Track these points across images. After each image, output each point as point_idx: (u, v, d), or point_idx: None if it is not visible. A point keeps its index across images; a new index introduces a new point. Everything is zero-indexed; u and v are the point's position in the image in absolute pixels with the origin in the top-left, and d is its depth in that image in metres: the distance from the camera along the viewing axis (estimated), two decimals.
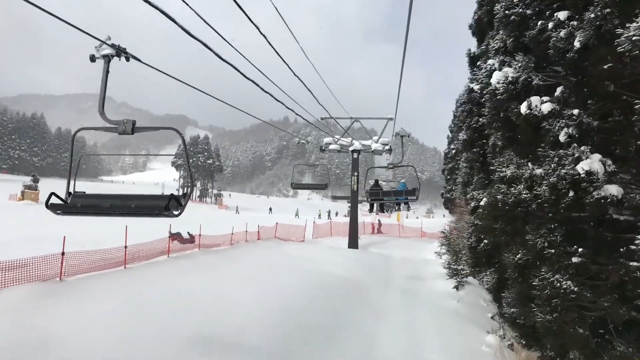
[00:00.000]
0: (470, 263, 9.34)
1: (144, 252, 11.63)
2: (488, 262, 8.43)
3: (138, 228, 11.55)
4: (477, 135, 9.02)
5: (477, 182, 9.57)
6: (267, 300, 10.69)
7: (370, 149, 23.16)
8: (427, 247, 24.43)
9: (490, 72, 6.47)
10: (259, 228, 20.19)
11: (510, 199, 5.60)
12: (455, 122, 45.33)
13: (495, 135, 7.30)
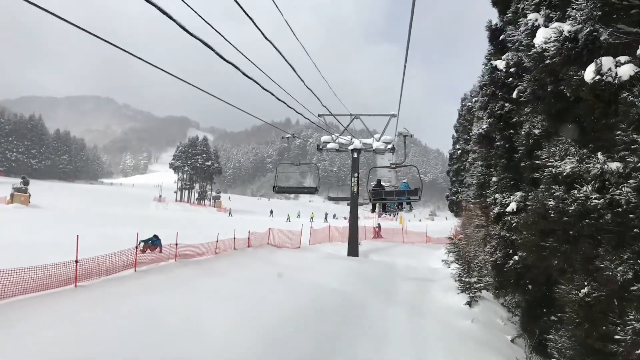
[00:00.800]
0: (494, 283, 7.58)
1: (105, 266, 9.90)
2: (517, 282, 6.65)
3: (115, 234, 9.88)
4: (503, 124, 7.24)
5: (499, 182, 7.78)
6: (248, 324, 8.94)
7: (371, 147, 21.39)
8: (434, 254, 22.62)
9: (532, 30, 4.69)
10: (249, 234, 18.44)
11: (569, 206, 3.83)
12: (461, 122, 43.46)
13: (534, 119, 5.53)
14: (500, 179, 7.81)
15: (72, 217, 35.05)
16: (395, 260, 20.03)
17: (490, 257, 7.09)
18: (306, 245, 22.18)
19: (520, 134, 6.41)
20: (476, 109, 34.88)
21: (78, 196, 68.96)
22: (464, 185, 39.57)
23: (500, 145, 7.69)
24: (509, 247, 6.58)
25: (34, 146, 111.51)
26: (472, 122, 39.25)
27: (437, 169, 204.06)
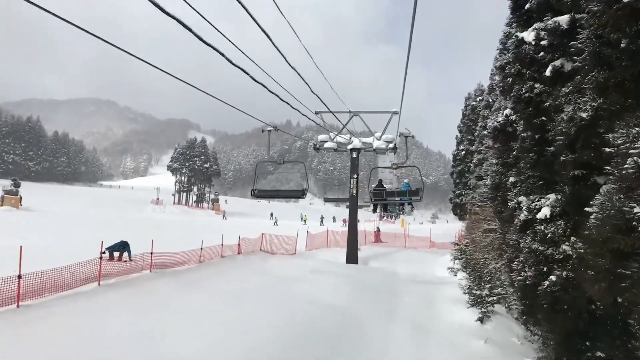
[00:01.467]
0: (520, 307, 6.19)
1: (62, 280, 8.54)
2: (553, 308, 5.25)
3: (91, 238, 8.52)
4: (533, 109, 5.85)
5: (525, 182, 6.39)
6: (228, 346, 7.59)
7: (371, 147, 20.02)
8: (438, 260, 21.19)
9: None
10: (239, 240, 17.05)
11: None
12: (465, 122, 42.07)
13: (579, 99, 4.14)
14: (525, 179, 6.40)
15: (63, 220, 33.73)
16: (396, 268, 18.63)
17: (518, 275, 5.68)
18: (302, 252, 20.80)
19: (557, 121, 5.01)
20: (481, 108, 33.43)
21: (74, 199, 67.72)
22: (469, 187, 38.18)
23: (527, 136, 6.30)
24: (542, 263, 5.19)
25: (31, 148, 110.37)
26: (477, 122, 37.86)
27: (439, 171, 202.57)
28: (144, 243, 12.38)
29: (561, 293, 5.05)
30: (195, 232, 29.02)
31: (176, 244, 14.69)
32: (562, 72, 5.25)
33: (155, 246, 13.14)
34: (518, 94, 6.02)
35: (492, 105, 33.97)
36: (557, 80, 5.22)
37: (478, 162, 32.66)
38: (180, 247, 14.39)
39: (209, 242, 16.22)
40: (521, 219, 5.96)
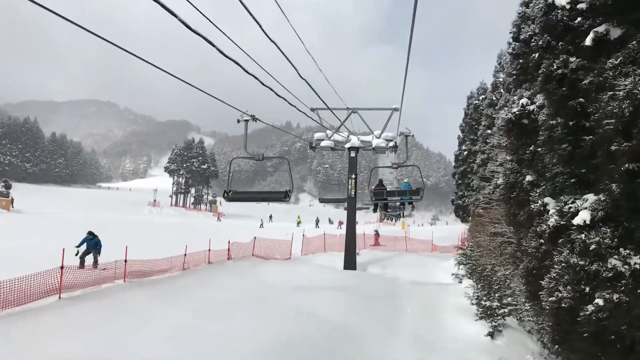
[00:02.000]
0: (552, 334, 5.09)
1: (14, 293, 7.43)
2: (596, 339, 4.13)
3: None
4: (568, 89, 4.74)
5: (550, 181, 5.28)
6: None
7: (370, 146, 18.92)
8: (441, 265, 20.08)
9: None
10: (229, 245, 15.94)
11: None
12: (467, 121, 40.96)
13: None
14: (553, 176, 5.30)
15: (54, 223, 32.63)
16: (398, 274, 17.53)
17: (549, 295, 4.57)
18: (298, 256, 19.68)
19: (602, 101, 3.90)
20: (485, 107, 32.34)
21: (70, 201, 66.67)
22: (472, 188, 37.07)
23: (557, 124, 5.18)
24: (584, 282, 4.09)
25: (28, 150, 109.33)
26: (480, 121, 36.74)
27: (439, 172, 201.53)
28: (134, 245, 11.28)
29: (610, 321, 3.95)
30: (188, 235, 27.95)
31: (165, 247, 13.65)
32: (606, 40, 4.13)
33: (143, 249, 12.10)
34: (548, 70, 4.91)
35: (496, 103, 32.90)
36: (600, 51, 4.11)
37: (482, 162, 31.57)
38: (169, 251, 13.34)
39: (199, 246, 15.18)
40: (550, 224, 4.85)
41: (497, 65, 33.48)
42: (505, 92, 25.26)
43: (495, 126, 29.40)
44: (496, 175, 23.70)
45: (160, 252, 13.10)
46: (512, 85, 31.53)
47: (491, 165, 25.40)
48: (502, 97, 25.85)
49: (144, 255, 12.15)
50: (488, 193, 24.75)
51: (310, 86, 9.49)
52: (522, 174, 8.21)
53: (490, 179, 24.44)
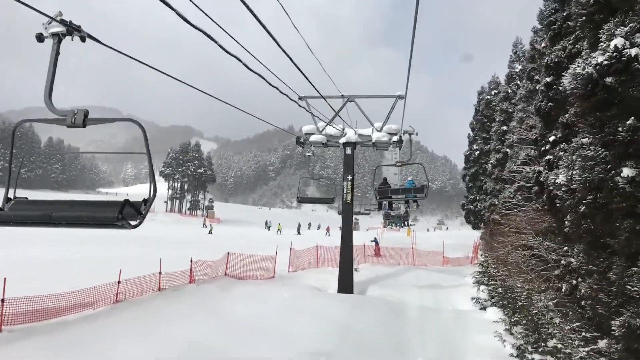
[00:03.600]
0: None
1: None
2: None
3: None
4: None
5: None
6: None
7: (370, 140, 15.65)
8: (457, 284, 16.72)
9: None
10: (191, 264, 12.64)
11: None
12: (478, 118, 37.55)
13: None
14: None
15: (26, 232, 29.54)
16: (404, 298, 14.19)
17: None
18: (284, 274, 16.40)
19: None
20: (499, 100, 28.93)
21: None
22: (484, 191, 33.65)
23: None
24: None
25: (23, 154, 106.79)
26: (492, 117, 33.37)
27: (444, 176, 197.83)
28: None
29: None
30: (165, 247, 24.73)
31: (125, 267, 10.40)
32: None
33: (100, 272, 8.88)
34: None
35: (512, 96, 29.60)
36: None
37: (497, 162, 28.18)
38: (129, 271, 10.20)
39: (171, 261, 12.09)
40: None
41: (513, 54, 30.17)
42: (526, 81, 21.89)
43: (513, 121, 26.13)
44: (517, 176, 20.35)
45: (108, 275, 9.98)
46: (518, 84, 28.08)
47: (511, 165, 22.05)
48: (522, 88, 22.48)
49: (90, 281, 9.09)
50: (508, 197, 21.39)
51: (309, 80, 7.56)
52: (610, 164, 4.80)
53: (510, 181, 21.09)
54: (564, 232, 12.99)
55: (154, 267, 11.52)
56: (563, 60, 13.54)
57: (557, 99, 13.73)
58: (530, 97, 21.34)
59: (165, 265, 11.87)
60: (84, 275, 11.56)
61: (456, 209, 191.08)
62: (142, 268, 11.35)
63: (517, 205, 18.40)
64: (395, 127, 15.73)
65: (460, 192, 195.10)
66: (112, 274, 10.07)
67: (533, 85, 21.42)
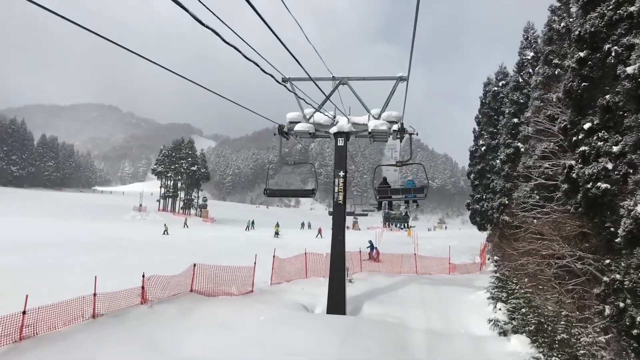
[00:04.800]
0: None
1: None
2: None
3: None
4: None
5: None
6: None
7: (365, 129, 13.19)
8: (467, 299, 14.28)
9: None
10: (143, 280, 10.20)
11: None
12: (485, 111, 34.96)
13: None
14: None
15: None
16: (407, 319, 11.80)
17: None
18: (265, 288, 13.98)
19: None
20: (509, 91, 26.38)
21: (41, 206, 61.23)
22: (492, 190, 31.18)
23: None
24: None
25: (15, 152, 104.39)
26: (500, 110, 30.88)
27: (445, 174, 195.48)
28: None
29: None
30: (139, 251, 22.38)
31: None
32: None
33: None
34: None
35: (524, 86, 27.11)
36: None
37: (507, 158, 25.71)
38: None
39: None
40: None
41: (524, 40, 27.64)
42: (542, 66, 19.37)
43: (526, 112, 23.62)
44: (534, 172, 17.89)
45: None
46: (530, 72, 25.48)
47: (526, 160, 19.53)
48: (538, 74, 19.95)
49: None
50: (524, 196, 18.95)
51: (294, 57, 6.59)
52: None
53: (526, 178, 18.64)
54: (608, 240, 10.63)
55: (115, 278, 9.13)
56: (601, 30, 11.08)
57: (592, 77, 11.32)
58: (548, 83, 18.87)
59: (127, 276, 9.47)
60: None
61: (457, 207, 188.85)
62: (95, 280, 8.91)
63: (536, 206, 15.94)
64: (396, 114, 13.29)
65: (460, 191, 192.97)
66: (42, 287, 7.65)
67: (552, 69, 18.97)
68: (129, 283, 10.43)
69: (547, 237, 13.62)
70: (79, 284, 10.35)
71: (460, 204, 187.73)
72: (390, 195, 14.73)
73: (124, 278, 11.35)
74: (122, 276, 12.37)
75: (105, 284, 9.80)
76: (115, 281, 10.79)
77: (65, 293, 8.75)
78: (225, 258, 17.17)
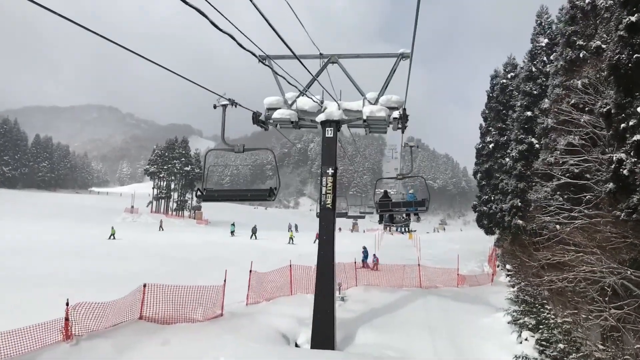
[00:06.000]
0: None
1: None
2: None
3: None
4: None
5: None
6: None
7: (360, 117, 10.79)
8: (484, 322, 11.86)
9: None
10: (67, 310, 7.81)
11: None
12: (492, 106, 32.49)
13: None
14: None
15: None
16: (412, 351, 9.44)
17: None
18: (239, 310, 11.60)
19: None
20: (521, 82, 23.89)
21: (25, 209, 58.82)
22: (501, 191, 28.76)
23: None
24: None
25: (7, 152, 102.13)
26: (510, 104, 28.47)
27: (446, 174, 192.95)
28: None
29: None
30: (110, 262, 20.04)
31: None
32: None
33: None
34: None
35: (537, 75, 24.70)
36: None
37: (519, 155, 23.29)
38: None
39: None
40: None
41: (537, 26, 25.21)
42: (563, 49, 16.91)
43: (543, 103, 21.19)
44: (556, 170, 15.50)
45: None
46: (545, 60, 23.10)
47: (545, 156, 17.06)
48: (559, 59, 17.48)
49: None
50: (544, 197, 16.55)
51: (283, 41, 5.94)
52: None
53: (547, 177, 16.24)
54: None
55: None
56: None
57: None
58: (571, 68, 16.50)
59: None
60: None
61: (458, 208, 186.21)
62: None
63: (563, 210, 13.51)
64: (397, 98, 10.90)
65: (462, 191, 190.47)
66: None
67: (575, 52, 16.57)
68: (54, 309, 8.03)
69: (581, 247, 11.22)
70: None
71: (461, 204, 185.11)
72: (392, 209, 14.61)
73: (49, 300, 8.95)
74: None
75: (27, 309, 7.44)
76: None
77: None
78: (188, 272, 14.81)
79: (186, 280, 11.06)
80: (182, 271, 17.47)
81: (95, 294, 9.18)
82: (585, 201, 13.63)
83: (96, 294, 9.44)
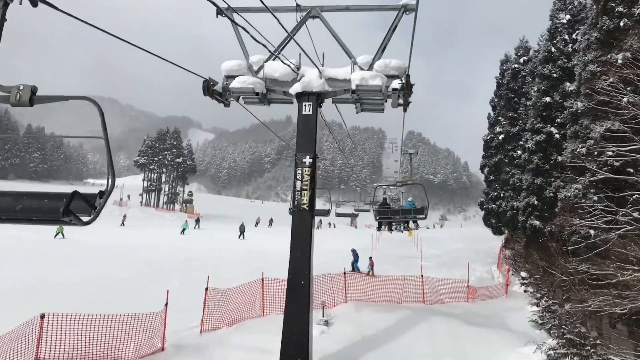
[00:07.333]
0: None
1: None
2: None
3: None
4: None
5: None
6: None
7: (347, 87, 8.02)
8: (506, 357, 9.19)
9: None
10: None
11: None
12: (502, 93, 29.41)
13: None
14: None
15: None
16: None
17: None
18: (189, 340, 8.94)
19: None
20: (537, 64, 21.05)
21: None
22: (512, 187, 25.96)
23: None
24: None
25: None
26: (522, 91, 25.61)
27: (447, 169, 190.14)
28: None
29: None
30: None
31: None
32: None
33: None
34: None
35: (558, 57, 21.87)
36: None
37: (537, 146, 20.42)
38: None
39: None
40: None
41: (557, 1, 22.45)
42: (597, 18, 14.12)
43: (569, 84, 18.40)
44: (592, 163, 12.76)
45: None
46: (566, 38, 20.36)
47: (575, 146, 14.17)
48: (591, 31, 14.63)
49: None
50: (574, 195, 13.82)
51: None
52: None
53: (579, 171, 13.50)
54: None
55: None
56: None
57: None
58: (608, 41, 13.75)
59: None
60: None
61: (459, 203, 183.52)
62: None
63: (604, 212, 10.75)
64: (397, 62, 8.15)
65: (462, 186, 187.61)
66: None
67: (614, 21, 13.77)
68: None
69: (633, 264, 8.54)
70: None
71: (462, 200, 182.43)
72: (390, 216, 14.66)
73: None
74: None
75: None
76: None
77: None
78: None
79: (122, 293, 8.39)
80: (114, 287, 14.05)
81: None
82: (631, 202, 10.95)
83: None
